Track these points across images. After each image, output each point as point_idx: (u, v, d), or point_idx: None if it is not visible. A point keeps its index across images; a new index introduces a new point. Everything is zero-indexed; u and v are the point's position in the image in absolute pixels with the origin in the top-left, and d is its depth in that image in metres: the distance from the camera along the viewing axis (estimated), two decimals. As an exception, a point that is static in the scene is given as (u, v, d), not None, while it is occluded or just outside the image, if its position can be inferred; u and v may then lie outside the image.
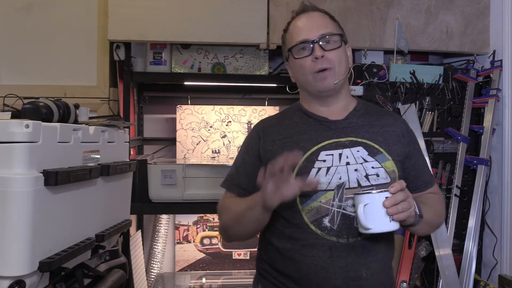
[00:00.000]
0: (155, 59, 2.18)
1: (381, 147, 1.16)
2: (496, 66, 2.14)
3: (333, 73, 1.15)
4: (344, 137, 1.16)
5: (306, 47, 1.16)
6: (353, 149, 1.14)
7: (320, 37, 1.16)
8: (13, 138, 1.04)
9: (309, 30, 1.17)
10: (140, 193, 2.03)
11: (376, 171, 1.12)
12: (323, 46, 1.15)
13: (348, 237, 1.09)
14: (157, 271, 2.51)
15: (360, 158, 1.13)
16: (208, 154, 2.44)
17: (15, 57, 2.08)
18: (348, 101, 1.24)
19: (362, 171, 1.12)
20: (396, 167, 1.14)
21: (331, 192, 1.10)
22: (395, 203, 0.98)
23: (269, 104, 2.55)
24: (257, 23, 2.03)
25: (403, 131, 1.22)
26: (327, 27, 1.19)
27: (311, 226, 1.11)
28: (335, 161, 1.12)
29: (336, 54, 1.16)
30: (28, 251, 1.03)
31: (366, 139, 1.16)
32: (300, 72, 1.19)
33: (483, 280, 2.07)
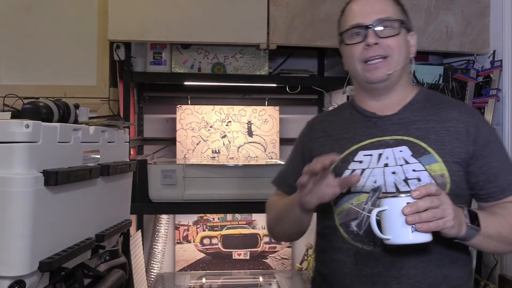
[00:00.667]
0: (155, 59, 2.18)
1: (431, 146, 1.01)
2: (496, 66, 2.14)
3: (388, 63, 1.03)
4: (389, 135, 1.05)
5: (359, 33, 1.04)
6: (396, 149, 1.02)
7: (376, 22, 1.03)
8: (13, 138, 1.03)
9: (365, 13, 1.04)
10: (140, 193, 2.03)
11: (418, 174, 0.99)
12: (378, 32, 1.03)
13: (374, 245, 0.99)
14: (157, 271, 2.51)
15: (401, 159, 1.01)
16: (208, 154, 2.44)
17: (15, 57, 2.08)
18: (406, 94, 1.11)
19: (401, 174, 1.00)
20: (447, 170, 0.99)
21: (365, 195, 1.02)
22: (416, 210, 0.84)
23: (269, 104, 2.56)
24: (257, 23, 2.03)
25: (469, 127, 1.03)
26: (387, 11, 1.05)
27: (339, 229, 1.05)
28: (372, 163, 1.03)
29: (393, 41, 1.03)
30: (28, 251, 1.03)
31: (414, 137, 1.03)
32: (349, 60, 1.08)
33: (483, 280, 2.07)
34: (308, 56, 2.50)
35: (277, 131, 2.51)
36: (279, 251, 2.63)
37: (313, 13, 2.07)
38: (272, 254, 2.62)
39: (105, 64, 2.10)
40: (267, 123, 2.50)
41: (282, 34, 2.05)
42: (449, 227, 0.85)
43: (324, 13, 2.08)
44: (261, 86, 2.47)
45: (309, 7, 2.07)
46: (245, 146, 2.48)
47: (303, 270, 2.55)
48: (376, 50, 1.03)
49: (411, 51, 1.10)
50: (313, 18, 2.07)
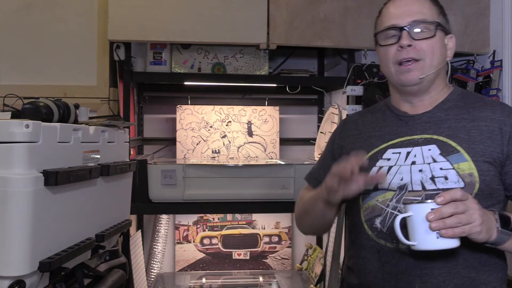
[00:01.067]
0: (155, 59, 2.18)
1: (460, 145, 1.00)
2: (496, 66, 2.14)
3: (421, 66, 1.03)
4: (419, 134, 1.05)
5: (393, 34, 1.05)
6: (425, 147, 1.02)
7: (411, 24, 1.03)
8: (13, 138, 1.04)
9: (400, 15, 1.05)
10: (140, 193, 2.03)
11: (445, 173, 0.97)
12: (413, 34, 1.03)
13: (397, 243, 0.98)
14: (157, 271, 2.51)
15: (429, 157, 1.00)
16: (208, 154, 2.44)
17: (15, 57, 2.08)
18: (440, 94, 1.10)
19: (427, 172, 0.99)
20: (477, 169, 0.97)
21: (391, 193, 1.02)
22: (441, 216, 0.84)
23: (269, 104, 2.56)
24: (257, 23, 2.03)
25: (503, 126, 1.01)
26: (423, 13, 1.05)
27: (364, 225, 1.05)
28: (400, 160, 1.03)
29: (428, 44, 1.03)
30: (28, 251, 1.03)
31: (444, 136, 1.02)
32: (383, 62, 1.10)
33: (483, 280, 2.07)
34: (308, 56, 2.50)
35: (277, 131, 2.51)
36: (279, 251, 2.63)
37: (313, 13, 2.07)
38: (272, 254, 2.62)
39: (105, 64, 2.10)
40: (267, 123, 2.50)
41: (282, 34, 2.05)
42: (476, 232, 0.85)
43: (324, 13, 2.08)
44: (261, 86, 2.47)
45: (309, 7, 2.07)
46: (245, 146, 2.48)
47: (303, 270, 2.55)
48: (409, 52, 1.03)
49: (447, 54, 1.10)
50: (313, 18, 2.07)
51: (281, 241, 2.63)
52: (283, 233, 2.63)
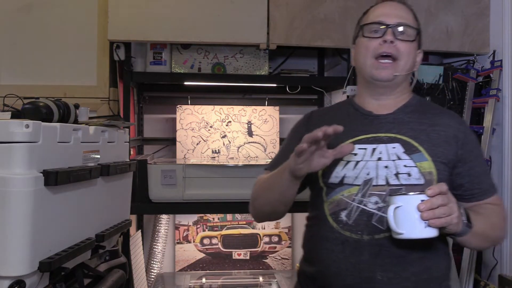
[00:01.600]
0: (155, 59, 2.18)
1: (422, 145, 1.08)
2: (496, 66, 2.14)
3: (396, 65, 1.11)
4: (384, 133, 1.11)
5: (379, 30, 1.12)
6: (389, 145, 1.09)
7: (397, 24, 1.11)
8: (13, 138, 1.04)
9: (388, 15, 1.13)
10: (140, 193, 2.03)
11: (409, 170, 1.05)
12: (397, 33, 1.11)
13: (362, 234, 1.04)
14: (157, 271, 2.51)
15: (394, 155, 1.07)
16: (208, 154, 2.44)
17: (15, 57, 2.08)
18: (402, 98, 1.18)
19: (392, 168, 1.06)
20: (435, 168, 1.06)
21: (356, 187, 1.07)
22: (431, 207, 0.90)
23: (269, 104, 2.56)
24: (257, 23, 2.03)
25: (458, 133, 1.12)
26: (408, 19, 1.14)
27: (329, 219, 1.10)
28: (366, 156, 1.09)
29: (406, 46, 1.11)
30: (28, 251, 1.03)
31: (407, 136, 1.10)
32: (362, 53, 1.14)
33: (483, 280, 2.07)
34: (308, 56, 2.50)
35: (277, 131, 2.51)
36: (279, 251, 2.63)
37: (313, 13, 2.07)
38: (272, 254, 2.62)
39: (105, 64, 2.10)
40: (267, 123, 2.50)
41: (282, 34, 2.05)
42: (455, 223, 0.92)
43: (324, 13, 2.08)
44: (261, 86, 2.47)
45: (309, 7, 2.07)
46: (245, 146, 2.48)
47: (303, 270, 2.55)
48: (390, 48, 1.10)
49: (416, 65, 1.19)
50: (313, 18, 2.07)
51: (281, 241, 2.63)
52: (283, 233, 2.63)
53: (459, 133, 1.12)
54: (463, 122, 1.18)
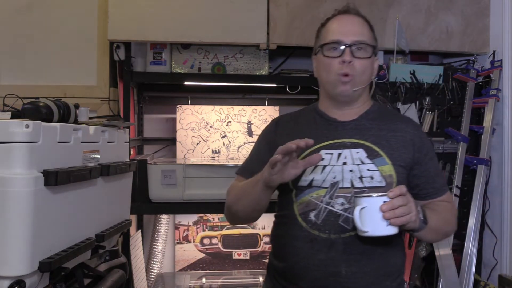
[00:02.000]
0: (155, 59, 2.18)
1: (383, 150, 1.17)
2: (496, 66, 2.14)
3: (353, 81, 1.18)
4: (348, 138, 1.19)
5: (337, 48, 1.18)
6: (353, 150, 1.17)
7: (354, 43, 1.18)
8: (13, 138, 1.04)
9: (345, 33, 1.19)
10: (140, 193, 2.03)
11: (371, 173, 1.14)
12: (354, 52, 1.18)
13: (330, 233, 1.13)
14: (157, 271, 2.51)
15: (358, 159, 1.16)
16: (208, 154, 2.44)
17: (15, 57, 2.08)
18: (364, 106, 1.26)
19: (357, 172, 1.15)
20: (395, 171, 1.15)
21: (324, 190, 1.15)
22: (392, 207, 0.99)
23: (269, 104, 2.56)
24: (257, 23, 2.03)
25: (414, 137, 1.21)
26: (363, 35, 1.21)
27: (298, 218, 1.17)
28: (332, 161, 1.17)
29: (362, 63, 1.19)
30: (28, 251, 1.03)
31: (369, 142, 1.18)
32: (325, 70, 1.21)
33: (483, 280, 2.07)
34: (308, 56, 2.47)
35: (277, 131, 2.51)
36: (279, 251, 2.63)
37: (313, 13, 2.07)
38: (272, 254, 2.62)
39: (105, 64, 2.10)
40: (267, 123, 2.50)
41: (282, 34, 2.06)
42: (413, 221, 1.02)
43: (324, 13, 2.08)
44: (261, 86, 2.47)
45: (309, 7, 2.07)
46: (245, 146, 2.48)
47: (303, 270, 2.55)
48: (348, 67, 1.17)
49: (373, 73, 1.26)
50: (313, 18, 2.07)
51: (281, 241, 2.63)
52: (283, 233, 2.63)
53: (415, 138, 1.21)
54: (418, 127, 1.28)
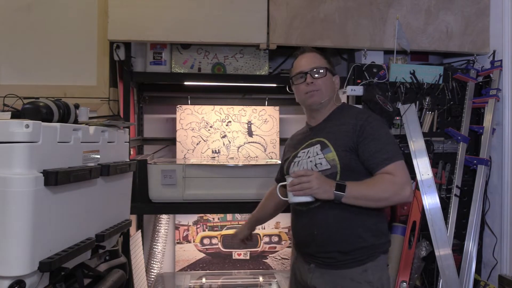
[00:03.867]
0: (155, 59, 2.18)
1: (330, 142, 1.53)
2: (496, 66, 2.14)
3: (319, 94, 1.58)
4: (314, 138, 1.58)
5: (302, 76, 1.60)
6: (314, 146, 1.56)
7: (311, 69, 1.59)
8: (13, 138, 1.04)
9: (304, 65, 1.61)
10: (140, 193, 2.03)
11: (321, 161, 1.52)
12: (313, 75, 1.58)
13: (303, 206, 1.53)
14: (157, 271, 2.51)
15: (315, 152, 1.54)
16: (208, 154, 2.44)
17: (15, 57, 2.08)
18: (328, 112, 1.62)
19: (314, 161, 1.53)
20: (337, 156, 1.49)
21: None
22: (292, 184, 1.43)
23: (269, 104, 2.56)
24: (257, 23, 2.03)
25: (356, 126, 1.51)
26: (316, 62, 1.61)
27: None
28: (304, 157, 1.57)
29: (322, 81, 1.58)
30: (28, 251, 1.03)
31: (323, 137, 1.55)
32: (298, 93, 1.63)
33: (483, 280, 2.07)
34: (308, 56, 2.50)
35: (277, 131, 2.51)
36: (279, 251, 2.63)
37: (313, 13, 2.07)
38: (272, 254, 2.62)
39: (105, 64, 2.10)
40: (267, 123, 2.50)
41: (282, 34, 2.06)
42: (315, 193, 1.41)
43: (324, 13, 2.08)
44: (261, 86, 2.47)
45: (309, 7, 2.07)
46: (245, 146, 2.48)
47: (303, 270, 2.55)
48: (311, 86, 1.58)
49: (335, 87, 1.65)
50: (313, 18, 2.07)
51: (281, 241, 2.63)
52: (283, 233, 2.63)
53: (356, 126, 1.52)
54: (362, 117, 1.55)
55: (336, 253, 1.49)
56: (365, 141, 1.50)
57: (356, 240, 1.49)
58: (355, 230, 1.49)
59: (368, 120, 1.54)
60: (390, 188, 1.46)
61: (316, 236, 1.51)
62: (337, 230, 1.50)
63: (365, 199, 1.45)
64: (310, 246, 1.54)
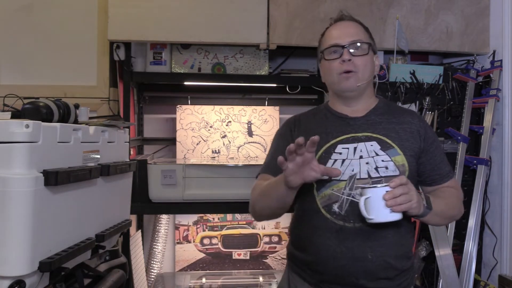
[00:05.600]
0: (155, 59, 2.18)
1: (394, 142, 1.26)
2: (496, 66, 2.14)
3: (357, 77, 1.27)
4: (361, 132, 1.28)
5: (336, 51, 1.28)
6: (368, 143, 1.26)
7: (350, 43, 1.27)
8: (13, 138, 1.04)
9: (341, 36, 1.29)
10: (140, 193, 2.03)
11: (386, 164, 1.23)
12: (351, 51, 1.27)
13: (354, 222, 1.21)
14: (157, 271, 2.51)
15: (372, 151, 1.25)
16: (208, 154, 2.44)
17: (15, 57, 2.08)
18: (371, 102, 1.35)
19: (372, 163, 1.23)
20: (407, 161, 1.24)
21: (343, 182, 1.23)
22: (393, 196, 1.08)
23: (269, 104, 2.56)
24: (257, 23, 2.03)
25: (420, 128, 1.30)
26: (358, 35, 1.30)
27: (322, 211, 1.24)
28: (350, 154, 1.25)
29: (362, 60, 1.28)
30: (28, 251, 1.03)
31: (381, 135, 1.27)
32: (328, 73, 1.32)
33: (483, 280, 2.07)
34: (308, 56, 2.50)
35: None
36: (279, 251, 2.63)
37: (313, 13, 2.07)
38: (272, 254, 2.62)
39: (105, 64, 2.10)
40: (267, 123, 2.50)
41: (282, 34, 2.06)
42: (414, 208, 1.11)
43: (324, 13, 2.08)
44: (261, 86, 2.47)
45: (309, 7, 2.07)
46: (245, 146, 2.48)
47: (303, 270, 2.55)
48: (349, 65, 1.27)
49: (375, 69, 1.36)
50: (313, 18, 2.07)
51: (281, 241, 2.63)
52: (283, 233, 2.63)
53: (420, 129, 1.31)
54: (422, 119, 1.37)
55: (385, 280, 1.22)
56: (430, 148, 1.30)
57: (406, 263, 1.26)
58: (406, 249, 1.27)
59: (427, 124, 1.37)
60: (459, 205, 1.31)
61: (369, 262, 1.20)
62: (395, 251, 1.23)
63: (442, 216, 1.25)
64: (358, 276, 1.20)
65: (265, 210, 1.30)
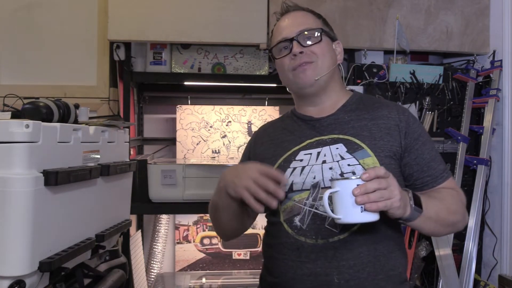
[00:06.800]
0: (155, 59, 2.18)
1: (364, 142, 1.08)
2: (496, 66, 2.14)
3: (314, 67, 1.12)
4: (326, 135, 1.12)
5: (286, 46, 1.14)
6: (333, 146, 1.09)
7: (299, 34, 1.13)
8: (13, 138, 1.03)
9: (288, 27, 1.15)
10: (140, 193, 2.03)
11: (353, 168, 1.05)
12: (302, 42, 1.12)
13: (316, 238, 1.03)
14: (157, 271, 2.51)
15: (337, 155, 1.07)
16: (208, 154, 2.44)
17: (15, 57, 2.08)
18: (339, 97, 1.19)
19: (337, 169, 1.05)
20: (380, 163, 1.05)
21: (306, 192, 1.07)
22: (366, 191, 0.87)
23: (269, 104, 2.55)
24: (257, 23, 2.03)
25: (400, 122, 1.10)
26: (307, 23, 1.15)
27: (284, 225, 1.09)
28: (311, 160, 1.09)
29: (317, 48, 1.13)
30: (28, 251, 1.03)
31: (349, 135, 1.10)
32: (281, 72, 1.18)
33: (483, 280, 2.07)
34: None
35: (277, 131, 2.50)
36: (279, 251, 2.63)
37: (313, 13, 2.07)
38: (272, 254, 2.62)
39: (105, 64, 2.10)
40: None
41: (282, 34, 2.05)
42: (396, 207, 0.89)
43: (324, 13, 2.05)
44: (261, 86, 2.47)
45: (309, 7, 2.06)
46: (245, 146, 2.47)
47: (303, 270, 2.55)
48: (302, 58, 1.11)
49: (338, 58, 1.19)
50: (313, 18, 2.07)
51: (281, 241, 2.63)
52: (283, 233, 2.63)
53: (400, 123, 1.10)
54: (404, 111, 1.15)
55: None
56: (415, 144, 1.09)
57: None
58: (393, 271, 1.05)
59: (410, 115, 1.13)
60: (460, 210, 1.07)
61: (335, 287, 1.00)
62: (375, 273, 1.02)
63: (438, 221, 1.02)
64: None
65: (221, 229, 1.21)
